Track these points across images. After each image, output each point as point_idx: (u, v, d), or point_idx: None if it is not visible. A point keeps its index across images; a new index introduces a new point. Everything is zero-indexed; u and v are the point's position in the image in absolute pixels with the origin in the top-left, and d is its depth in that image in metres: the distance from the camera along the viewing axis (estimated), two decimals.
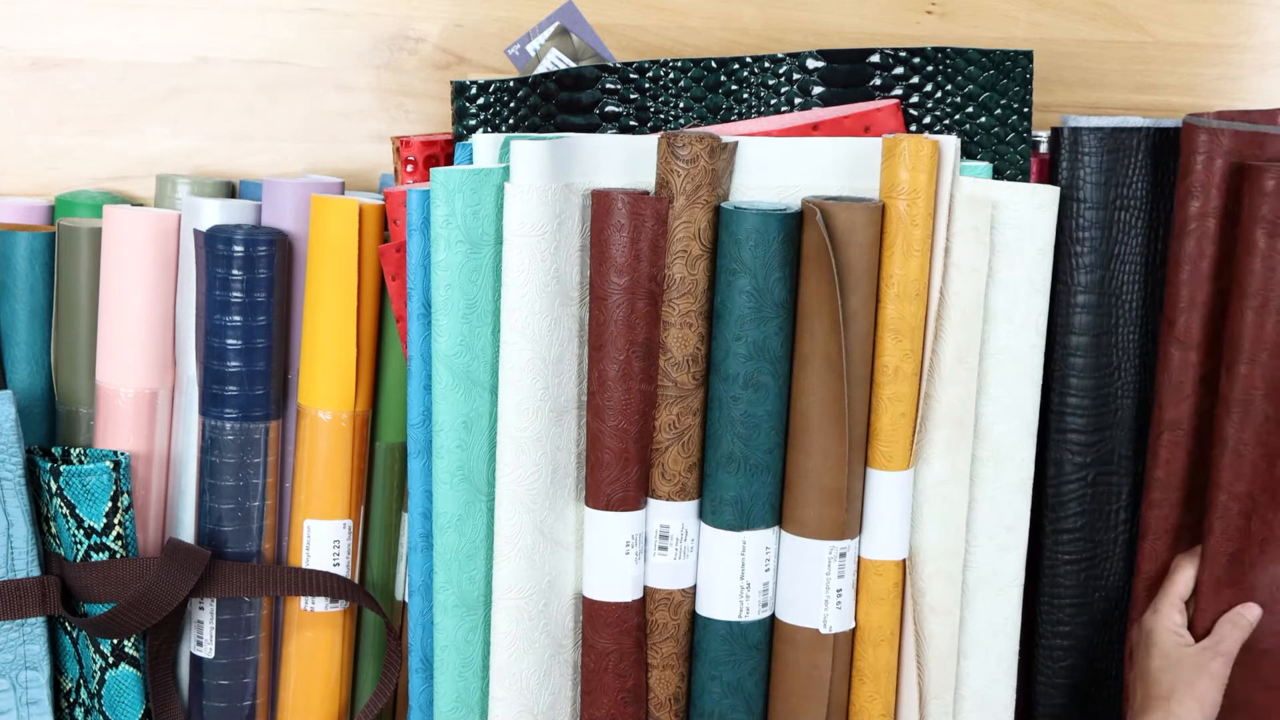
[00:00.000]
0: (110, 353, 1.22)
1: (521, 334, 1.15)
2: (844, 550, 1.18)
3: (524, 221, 1.13)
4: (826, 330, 1.15)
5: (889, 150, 1.16)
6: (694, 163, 1.15)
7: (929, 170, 1.15)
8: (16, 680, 1.20)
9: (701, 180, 1.15)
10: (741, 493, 1.18)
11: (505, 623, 1.18)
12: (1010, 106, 1.22)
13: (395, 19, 1.34)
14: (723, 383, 1.17)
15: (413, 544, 1.20)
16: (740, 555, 1.19)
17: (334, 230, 1.19)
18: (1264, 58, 1.41)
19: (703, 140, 1.15)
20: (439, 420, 1.16)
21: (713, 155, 1.15)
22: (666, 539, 1.19)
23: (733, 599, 1.19)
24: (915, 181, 1.15)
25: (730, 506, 1.18)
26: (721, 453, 1.18)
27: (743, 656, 1.20)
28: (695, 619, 1.21)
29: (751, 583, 1.19)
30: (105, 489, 1.18)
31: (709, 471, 1.19)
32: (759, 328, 1.16)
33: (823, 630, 1.19)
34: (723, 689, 1.20)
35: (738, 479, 1.18)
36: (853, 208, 1.15)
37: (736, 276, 1.15)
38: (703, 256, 1.16)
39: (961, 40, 1.37)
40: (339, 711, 1.26)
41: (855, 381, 1.17)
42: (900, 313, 1.16)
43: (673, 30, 1.36)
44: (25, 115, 1.32)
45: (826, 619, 1.19)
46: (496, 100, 1.21)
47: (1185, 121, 1.20)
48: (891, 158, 1.15)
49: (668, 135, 1.15)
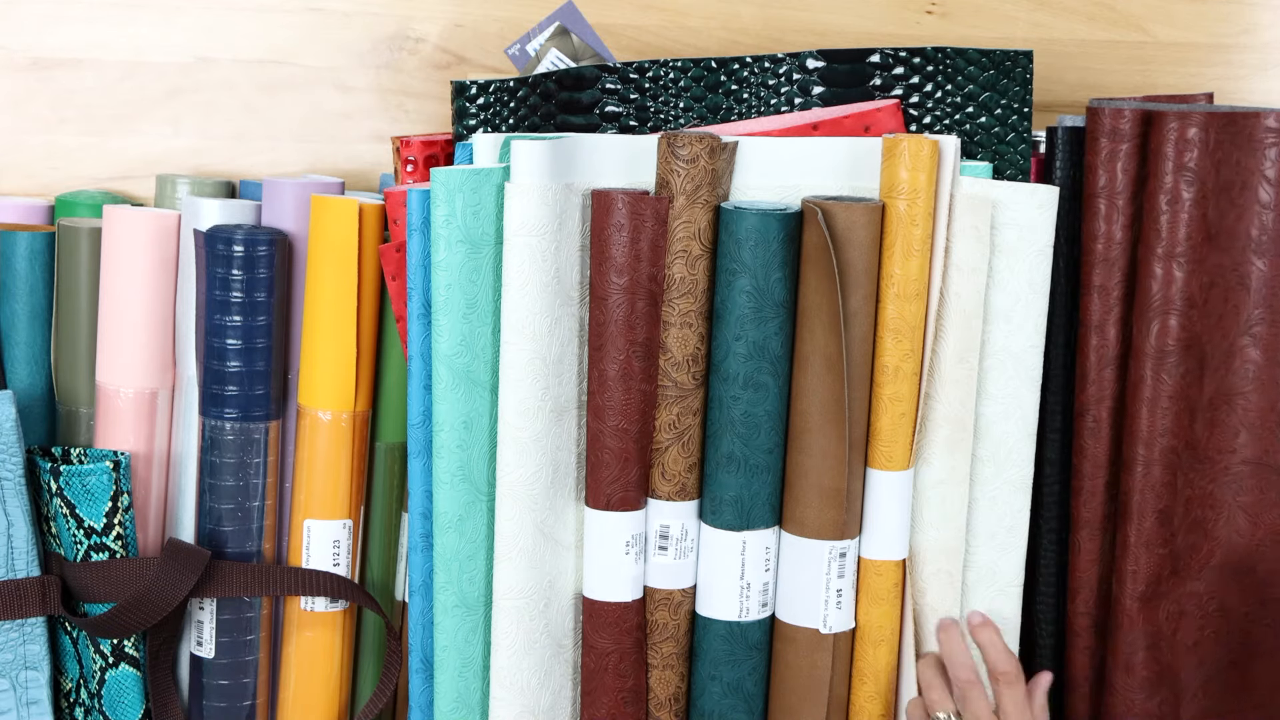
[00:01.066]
0: (110, 353, 1.22)
1: (522, 334, 1.15)
2: (844, 550, 1.18)
3: (524, 221, 1.13)
4: (826, 330, 1.15)
5: (889, 150, 1.16)
6: (694, 163, 1.15)
7: (929, 170, 1.15)
8: (16, 680, 1.20)
9: (702, 180, 1.15)
10: (741, 493, 1.18)
11: (506, 623, 1.18)
12: (1010, 106, 1.22)
13: (395, 19, 1.34)
14: (723, 383, 1.17)
15: (413, 544, 1.20)
16: (740, 555, 1.19)
17: (334, 230, 1.19)
18: (1264, 58, 1.41)
19: (703, 140, 1.15)
20: (439, 420, 1.16)
21: (713, 155, 1.15)
22: (666, 539, 1.19)
23: (733, 599, 1.19)
24: (915, 181, 1.15)
25: (730, 506, 1.18)
26: (721, 453, 1.18)
27: (743, 656, 1.20)
28: (695, 619, 1.21)
29: (751, 583, 1.19)
30: (105, 489, 1.18)
31: (709, 471, 1.19)
32: (759, 328, 1.16)
33: (823, 630, 1.19)
34: (723, 689, 1.20)
35: (738, 479, 1.18)
36: (853, 207, 1.15)
37: (736, 276, 1.15)
38: (703, 256, 1.16)
39: (961, 40, 1.37)
40: (339, 711, 1.26)
41: (855, 381, 1.17)
42: (900, 312, 1.16)
43: (673, 30, 1.36)
44: (25, 115, 1.32)
45: (826, 619, 1.19)
46: (496, 100, 1.21)
47: (1089, 106, 1.21)
48: (891, 157, 1.15)
49: (668, 135, 1.15)
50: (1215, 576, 1.22)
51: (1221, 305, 1.20)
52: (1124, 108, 1.19)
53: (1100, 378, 1.22)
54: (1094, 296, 1.21)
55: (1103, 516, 1.23)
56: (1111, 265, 1.21)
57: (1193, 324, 1.20)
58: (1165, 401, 1.20)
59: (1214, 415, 1.21)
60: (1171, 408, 1.20)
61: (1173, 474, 1.21)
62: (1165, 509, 1.21)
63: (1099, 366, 1.22)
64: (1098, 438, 1.22)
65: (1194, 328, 1.20)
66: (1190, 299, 1.19)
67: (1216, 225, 1.19)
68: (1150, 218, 1.19)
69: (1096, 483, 1.23)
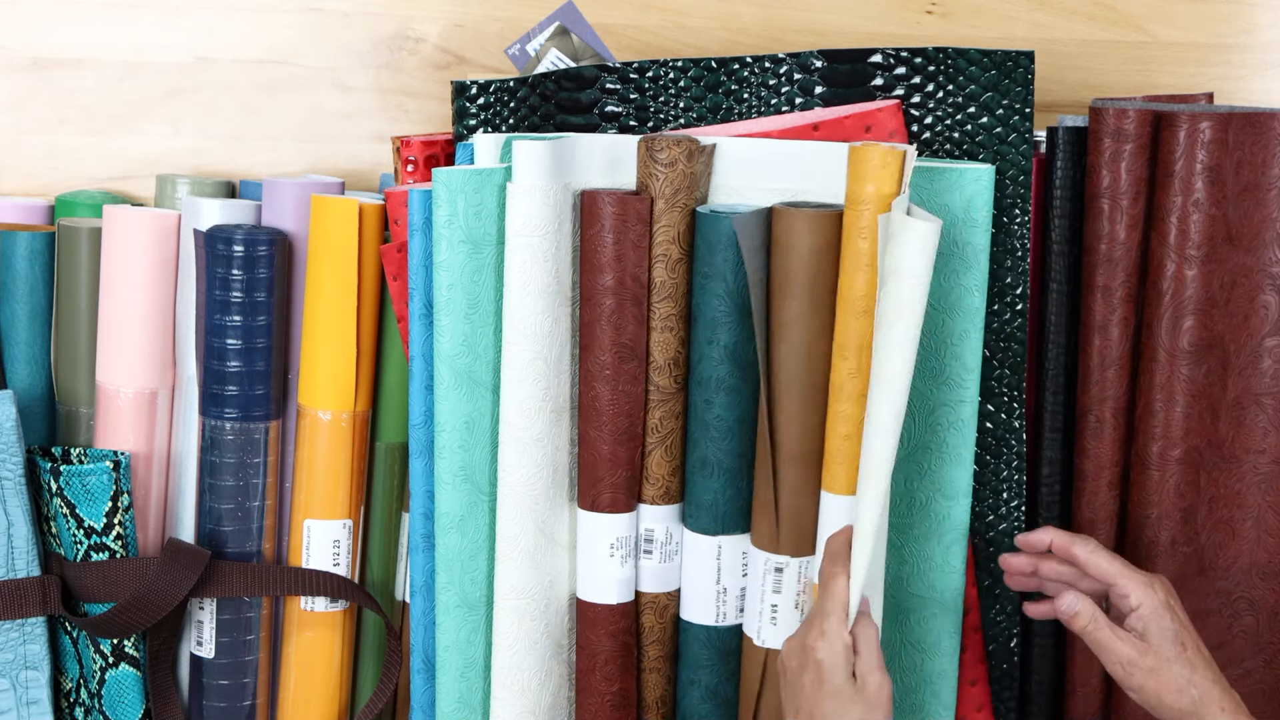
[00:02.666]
0: (110, 353, 1.22)
1: (524, 334, 1.15)
2: (780, 565, 1.17)
3: (526, 222, 1.13)
4: (759, 336, 1.14)
5: (851, 158, 1.11)
6: (672, 166, 1.14)
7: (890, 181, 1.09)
8: (17, 680, 1.20)
9: (680, 184, 1.15)
10: (716, 497, 1.17)
11: (507, 623, 1.18)
12: (1011, 107, 1.22)
13: (395, 19, 1.33)
14: (698, 386, 1.17)
15: (414, 544, 1.20)
16: (716, 560, 1.18)
17: (334, 230, 1.19)
18: (1264, 58, 1.41)
19: (681, 144, 1.14)
20: (441, 420, 1.16)
21: (691, 159, 1.15)
22: (651, 542, 1.19)
23: (710, 603, 1.19)
24: (863, 192, 1.09)
25: (706, 511, 1.18)
26: (697, 456, 1.17)
27: (719, 661, 1.20)
28: (678, 622, 1.21)
29: (728, 587, 1.19)
30: (105, 489, 1.18)
31: (688, 475, 1.19)
32: (731, 332, 1.15)
33: (756, 641, 1.18)
34: (701, 693, 1.20)
35: (712, 483, 1.17)
36: (793, 213, 1.12)
37: (709, 280, 1.15)
38: (682, 260, 1.16)
39: (961, 40, 1.37)
40: (339, 711, 1.26)
41: (792, 393, 1.14)
42: (844, 327, 1.12)
43: (673, 30, 1.36)
44: (25, 115, 1.31)
45: (760, 631, 1.18)
46: (497, 100, 1.21)
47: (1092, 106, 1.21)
48: (852, 166, 1.11)
49: (646, 139, 1.14)
50: (1243, 576, 1.22)
51: (1246, 305, 1.20)
52: (1128, 108, 1.19)
53: (1103, 378, 1.22)
54: (1097, 296, 1.21)
55: (1105, 516, 1.23)
56: (1115, 265, 1.21)
57: (1214, 323, 1.20)
58: (1186, 400, 1.20)
59: (1240, 415, 1.21)
60: (1193, 407, 1.20)
61: (1195, 473, 1.21)
62: (1189, 508, 1.21)
63: (1102, 367, 1.22)
64: (1100, 438, 1.22)
65: (1215, 327, 1.20)
66: (1211, 298, 1.19)
67: (1238, 225, 1.19)
68: (1166, 218, 1.19)
69: (1099, 483, 1.23)
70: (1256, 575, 1.22)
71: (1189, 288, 1.20)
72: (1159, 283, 1.20)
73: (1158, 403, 1.21)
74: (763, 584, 1.17)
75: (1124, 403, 1.22)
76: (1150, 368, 1.21)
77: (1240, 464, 1.21)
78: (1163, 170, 1.19)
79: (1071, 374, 1.24)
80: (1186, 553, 1.22)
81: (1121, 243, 1.21)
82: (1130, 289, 1.21)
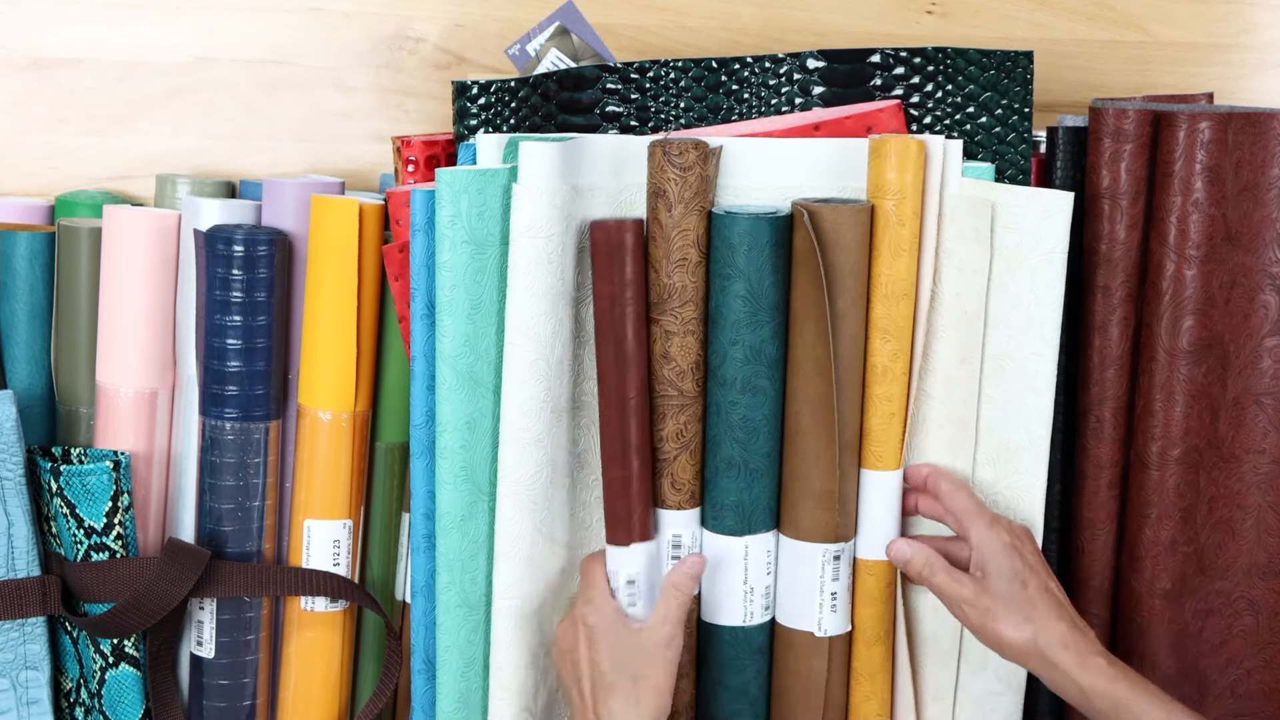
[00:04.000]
0: (110, 353, 1.22)
1: (526, 335, 1.14)
2: (838, 553, 1.18)
3: (532, 224, 1.13)
4: (815, 332, 1.15)
5: (875, 150, 1.16)
6: (690, 170, 1.14)
7: (915, 170, 1.15)
8: (17, 680, 1.20)
9: (698, 187, 1.15)
10: (742, 497, 1.17)
11: (504, 623, 1.18)
12: (1011, 107, 1.23)
13: (395, 19, 1.34)
14: (720, 387, 1.17)
15: (415, 544, 1.20)
16: (744, 560, 1.18)
17: (334, 230, 1.19)
18: (1264, 58, 1.41)
19: (698, 147, 1.14)
20: (443, 421, 1.16)
21: (705, 161, 1.15)
22: (679, 548, 1.18)
23: (737, 604, 1.19)
24: (901, 181, 1.15)
25: (731, 512, 1.18)
26: (721, 458, 1.17)
27: (747, 661, 1.20)
28: (700, 625, 1.21)
29: (755, 587, 1.19)
30: (105, 489, 1.18)
31: (709, 477, 1.18)
32: (754, 332, 1.15)
33: (817, 633, 1.19)
34: (729, 694, 1.20)
35: (738, 484, 1.17)
36: (839, 209, 1.15)
37: (731, 281, 1.15)
38: (700, 263, 1.16)
39: (961, 40, 1.37)
40: (339, 711, 1.26)
41: (845, 383, 1.17)
42: (888, 312, 1.16)
43: (673, 30, 1.36)
44: (25, 115, 1.31)
45: (821, 622, 1.19)
46: (497, 100, 1.21)
47: (1092, 106, 1.21)
48: (878, 158, 1.15)
49: (661, 143, 1.14)
50: (1243, 576, 1.22)
51: (1246, 305, 1.20)
52: (1128, 108, 1.20)
53: (1103, 378, 1.22)
54: (1097, 296, 1.21)
55: (1105, 516, 1.23)
56: (1115, 265, 1.21)
57: (1214, 323, 1.20)
58: (1186, 400, 1.20)
59: (1240, 415, 1.21)
60: (1193, 406, 1.20)
61: (1195, 473, 1.21)
62: (1188, 508, 1.21)
63: (1101, 367, 1.22)
64: (1100, 438, 1.22)
65: (1215, 327, 1.20)
66: (1210, 298, 1.19)
67: (1238, 225, 1.19)
68: (1166, 218, 1.19)
69: (1099, 483, 1.23)
70: (1256, 575, 1.23)
71: (1188, 287, 1.20)
72: (1159, 282, 1.20)
73: (1157, 402, 1.21)
74: (821, 575, 1.18)
75: (1124, 402, 1.23)
76: (1150, 367, 1.21)
77: (1240, 464, 1.21)
78: (1162, 170, 1.19)
79: (1071, 374, 1.24)
80: (1186, 552, 1.22)
81: (1121, 242, 1.21)
82: (1130, 289, 1.21)
